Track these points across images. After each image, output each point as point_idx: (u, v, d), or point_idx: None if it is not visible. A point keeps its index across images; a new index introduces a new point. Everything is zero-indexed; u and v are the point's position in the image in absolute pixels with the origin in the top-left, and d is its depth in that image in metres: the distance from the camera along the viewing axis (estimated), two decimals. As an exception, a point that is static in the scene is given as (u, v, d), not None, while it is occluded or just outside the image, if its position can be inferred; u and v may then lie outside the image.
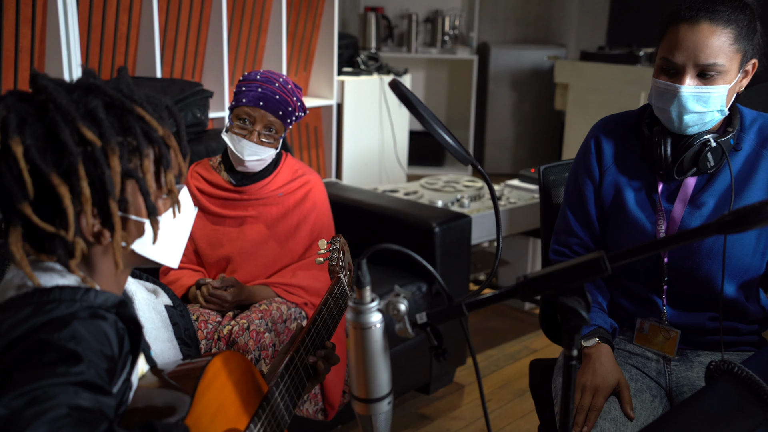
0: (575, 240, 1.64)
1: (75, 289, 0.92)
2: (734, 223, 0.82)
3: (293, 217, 2.10)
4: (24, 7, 2.36)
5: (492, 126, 6.13)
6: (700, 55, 1.39)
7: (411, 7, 5.90)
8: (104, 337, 0.90)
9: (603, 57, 4.80)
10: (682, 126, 1.46)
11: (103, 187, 0.93)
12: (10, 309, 0.90)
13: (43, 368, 0.82)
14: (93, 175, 0.92)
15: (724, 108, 1.45)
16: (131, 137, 0.95)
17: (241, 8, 3.14)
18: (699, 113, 1.44)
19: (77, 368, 0.84)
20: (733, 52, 1.40)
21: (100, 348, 0.89)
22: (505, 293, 0.94)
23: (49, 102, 0.91)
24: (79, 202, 0.92)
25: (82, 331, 0.88)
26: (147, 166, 0.97)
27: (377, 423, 1.01)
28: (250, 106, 1.96)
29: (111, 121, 0.94)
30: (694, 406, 1.21)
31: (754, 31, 1.42)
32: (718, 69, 1.39)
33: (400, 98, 0.92)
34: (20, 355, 0.84)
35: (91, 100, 0.93)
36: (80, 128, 0.91)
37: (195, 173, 2.11)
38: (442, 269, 2.52)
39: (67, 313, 0.89)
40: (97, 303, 0.92)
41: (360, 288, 0.95)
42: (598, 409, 1.40)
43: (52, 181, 0.89)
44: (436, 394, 2.73)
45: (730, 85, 1.42)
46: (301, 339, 1.32)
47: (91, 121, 0.92)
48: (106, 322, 0.92)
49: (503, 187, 3.57)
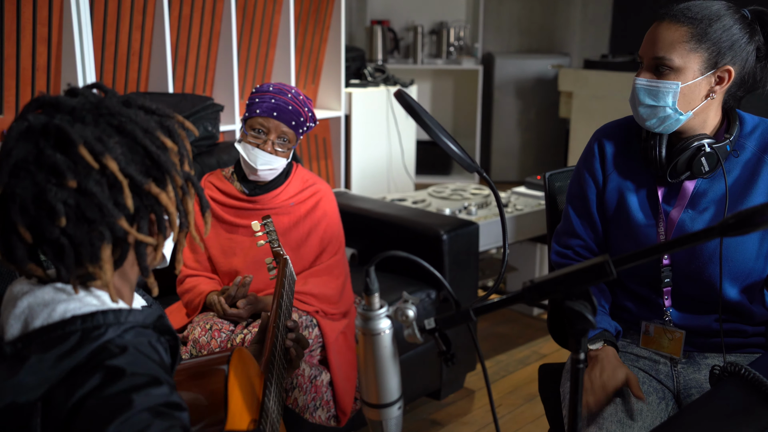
0: (578, 242, 1.66)
1: (117, 311, 0.91)
2: (737, 226, 0.83)
3: (304, 225, 2.14)
4: (40, 27, 2.42)
5: (498, 134, 6.16)
6: (653, 49, 1.46)
7: (416, 19, 5.95)
8: (157, 354, 0.91)
9: (606, 65, 4.83)
10: (640, 118, 1.51)
11: (185, 189, 0.97)
12: (48, 338, 0.86)
13: (129, 394, 0.81)
14: (180, 179, 0.96)
15: (677, 107, 1.46)
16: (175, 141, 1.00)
17: (250, 23, 3.19)
18: (650, 107, 1.48)
19: (160, 390, 0.84)
20: (687, 51, 1.43)
21: (160, 365, 0.89)
22: (511, 298, 0.95)
23: (120, 116, 0.92)
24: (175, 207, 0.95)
25: (142, 352, 0.87)
26: (187, 167, 1.01)
27: (388, 428, 1.01)
28: (264, 116, 2.01)
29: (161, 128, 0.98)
30: (702, 409, 1.21)
31: (729, 36, 1.43)
32: (668, 64, 1.44)
33: (405, 108, 0.94)
34: (89, 383, 0.82)
35: (138, 112, 0.96)
36: (160, 137, 0.94)
37: (208, 183, 2.16)
38: (451, 276, 2.55)
39: (116, 336, 0.88)
40: (140, 322, 0.92)
41: (369, 295, 0.96)
42: (602, 405, 1.42)
43: (151, 191, 0.91)
44: (447, 399, 2.75)
45: (683, 84, 1.44)
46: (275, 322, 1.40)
47: (159, 129, 0.96)
48: (153, 339, 0.92)
49: (510, 194, 3.60)
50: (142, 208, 0.93)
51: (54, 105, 0.91)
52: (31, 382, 0.83)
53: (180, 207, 0.98)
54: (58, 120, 0.88)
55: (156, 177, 0.93)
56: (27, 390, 0.83)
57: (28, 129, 0.88)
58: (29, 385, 0.83)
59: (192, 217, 0.99)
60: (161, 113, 0.99)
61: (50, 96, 0.92)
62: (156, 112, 0.98)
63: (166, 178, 0.94)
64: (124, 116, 0.92)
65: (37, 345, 0.86)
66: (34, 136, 0.88)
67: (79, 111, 0.91)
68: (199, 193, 1.02)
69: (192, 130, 1.04)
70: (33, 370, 0.83)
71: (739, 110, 1.57)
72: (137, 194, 0.91)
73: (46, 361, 0.84)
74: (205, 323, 1.98)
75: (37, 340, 0.87)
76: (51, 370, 0.83)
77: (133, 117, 0.93)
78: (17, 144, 0.88)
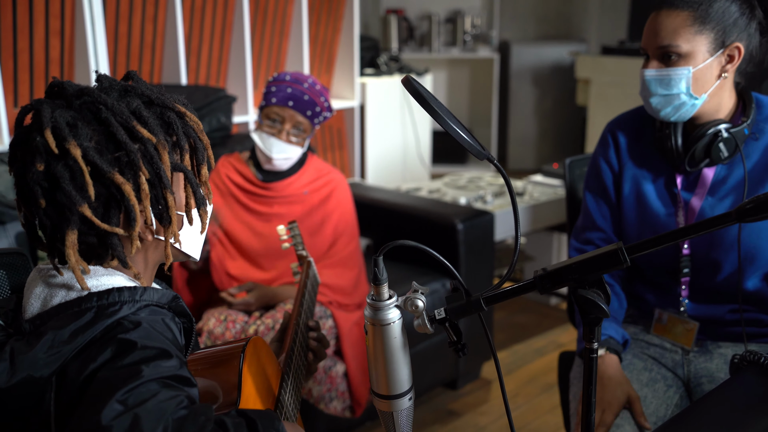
0: (599, 234, 1.64)
1: (132, 289, 0.92)
2: (754, 211, 0.82)
3: (317, 214, 2.13)
4: (53, 20, 2.42)
5: (515, 123, 6.11)
6: (656, 38, 1.44)
7: (431, 7, 5.90)
8: (170, 332, 0.92)
9: (624, 51, 4.76)
10: (653, 110, 1.48)
11: (161, 181, 0.95)
12: (65, 315, 0.89)
13: (138, 365, 0.82)
14: (150, 172, 0.94)
15: (691, 92, 1.44)
16: (172, 133, 0.99)
17: (263, 14, 3.18)
18: (664, 96, 1.45)
19: (170, 362, 0.85)
20: (692, 34, 1.40)
21: (173, 342, 0.91)
22: (523, 287, 0.93)
23: (99, 104, 0.92)
24: (139, 198, 0.93)
25: (156, 329, 0.89)
26: (187, 161, 1.01)
27: (399, 419, 0.99)
28: (280, 105, 2.02)
29: (153, 118, 0.97)
30: (721, 397, 1.20)
31: (730, 14, 1.41)
32: (676, 51, 1.42)
33: (413, 94, 0.91)
34: (101, 356, 0.84)
35: (132, 100, 0.95)
36: (135, 126, 0.93)
37: (227, 163, 2.16)
38: (466, 266, 2.53)
39: (131, 313, 0.90)
40: (155, 300, 0.94)
41: (377, 285, 0.94)
42: (607, 425, 1.39)
43: (114, 180, 0.91)
44: (464, 389, 2.74)
45: (695, 68, 1.42)
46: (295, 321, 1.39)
47: (138, 119, 0.94)
48: (168, 317, 0.94)
49: (526, 183, 3.57)
50: (109, 197, 0.92)
51: (58, 90, 0.94)
52: (46, 357, 0.85)
53: (161, 199, 0.96)
54: (46, 105, 0.91)
55: (122, 167, 0.92)
56: (42, 365, 0.85)
57: (26, 112, 0.93)
58: (44, 360, 0.85)
59: (173, 212, 0.97)
60: (160, 103, 0.98)
61: (58, 81, 0.95)
62: (155, 102, 0.97)
63: (133, 168, 0.93)
64: (102, 104, 0.92)
65: (54, 321, 0.88)
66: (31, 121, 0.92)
67: (70, 97, 0.93)
68: (194, 188, 1.01)
69: (195, 122, 1.02)
70: (48, 346, 0.86)
71: (756, 93, 1.54)
72: (102, 183, 0.91)
73: (61, 337, 0.86)
74: (219, 314, 1.99)
75: (54, 317, 0.89)
76: (66, 346, 0.86)
77: (111, 105, 0.92)
78: (18, 127, 0.93)
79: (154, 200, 0.96)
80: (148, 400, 0.79)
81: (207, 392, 1.02)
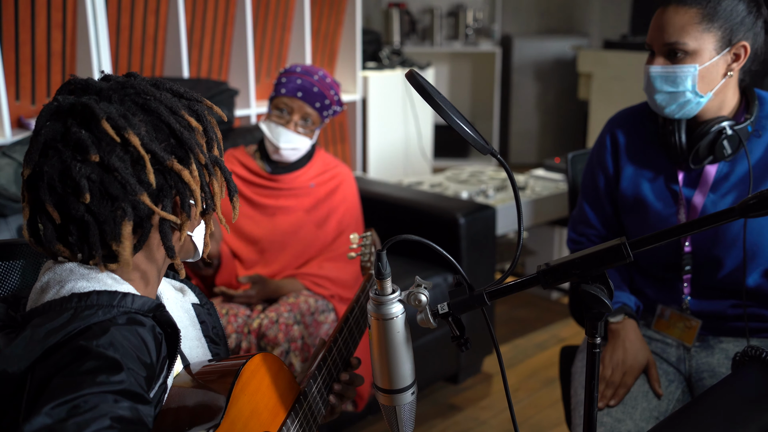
0: (592, 231, 1.66)
1: (112, 294, 0.90)
2: (758, 206, 0.82)
3: (323, 207, 2.14)
4: (55, 13, 2.42)
5: (516, 117, 6.10)
6: (663, 35, 1.42)
7: (433, 1, 5.89)
8: (142, 343, 0.89)
9: (626, 45, 4.75)
10: (658, 107, 1.48)
11: (206, 169, 0.97)
12: (48, 313, 0.88)
13: (83, 376, 0.80)
14: (204, 159, 0.96)
15: (697, 90, 1.43)
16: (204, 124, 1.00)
17: (265, 7, 3.17)
18: (669, 93, 1.44)
19: (117, 377, 0.82)
20: (700, 32, 1.40)
21: (138, 355, 0.87)
22: (526, 281, 0.93)
23: (146, 95, 0.93)
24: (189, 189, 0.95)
25: (121, 338, 0.86)
26: (216, 151, 1.02)
27: (401, 413, 0.99)
28: (289, 96, 2.03)
29: (189, 110, 0.98)
30: (722, 393, 1.20)
31: (738, 13, 1.41)
32: (683, 48, 1.41)
33: (416, 88, 0.91)
34: (60, 361, 0.82)
35: (165, 93, 0.96)
36: (185, 116, 0.94)
37: (231, 157, 2.17)
38: (468, 260, 2.53)
39: (105, 319, 0.87)
40: (135, 308, 0.91)
41: (380, 279, 0.94)
42: (627, 386, 1.43)
43: (173, 168, 0.91)
44: (465, 383, 2.75)
45: (701, 66, 1.41)
46: (334, 337, 1.26)
47: (183, 108, 0.96)
48: (144, 328, 0.90)
49: (528, 177, 3.56)
50: (166, 185, 0.93)
51: (84, 86, 0.94)
52: (20, 353, 0.84)
53: (205, 188, 0.98)
54: (86, 99, 0.90)
55: (179, 155, 0.94)
56: (15, 361, 0.84)
57: (57, 109, 0.91)
58: (18, 356, 0.84)
59: (218, 199, 0.99)
60: (189, 96, 0.99)
61: (80, 78, 0.95)
62: (184, 95, 0.99)
63: (189, 156, 0.95)
64: (149, 95, 0.93)
65: (38, 319, 0.88)
66: (62, 116, 0.91)
67: (106, 91, 0.93)
68: (227, 177, 1.02)
69: (220, 115, 1.04)
70: (26, 342, 0.84)
71: (758, 90, 1.53)
72: (160, 171, 0.92)
73: (37, 335, 0.85)
74: (220, 308, 1.99)
75: (38, 314, 0.89)
76: (37, 344, 0.84)
77: (158, 96, 0.94)
78: (47, 124, 0.91)
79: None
80: (76, 416, 0.76)
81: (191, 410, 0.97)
